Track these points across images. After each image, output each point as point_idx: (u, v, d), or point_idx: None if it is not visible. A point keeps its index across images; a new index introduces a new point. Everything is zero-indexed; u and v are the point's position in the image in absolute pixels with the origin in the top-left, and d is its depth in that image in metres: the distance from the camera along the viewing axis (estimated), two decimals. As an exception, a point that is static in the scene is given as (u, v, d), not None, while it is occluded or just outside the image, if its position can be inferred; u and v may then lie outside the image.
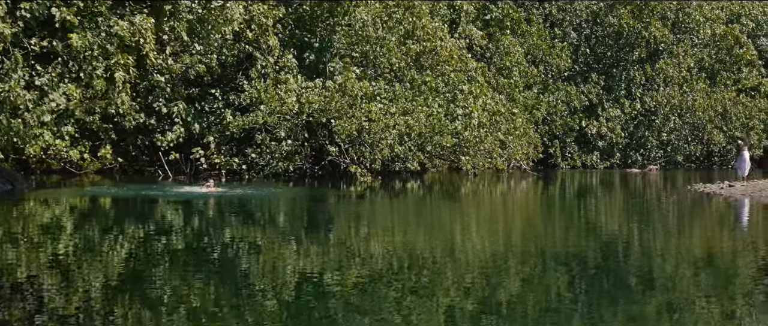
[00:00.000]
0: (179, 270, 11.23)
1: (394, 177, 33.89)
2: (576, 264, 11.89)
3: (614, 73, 53.57)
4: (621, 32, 53.23)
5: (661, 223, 18.04)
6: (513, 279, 10.65)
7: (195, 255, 12.46)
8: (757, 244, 14.04)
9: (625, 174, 45.60)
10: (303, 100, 31.07)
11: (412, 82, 34.78)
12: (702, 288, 10.21)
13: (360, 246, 13.65)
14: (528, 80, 47.09)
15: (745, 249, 13.40)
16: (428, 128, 32.67)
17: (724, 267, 11.77)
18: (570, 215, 20.64)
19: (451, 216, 20.47)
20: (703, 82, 54.93)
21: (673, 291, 10.07)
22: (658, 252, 13.28)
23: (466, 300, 9.25)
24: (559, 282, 10.52)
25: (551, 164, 50.22)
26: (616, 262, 12.42)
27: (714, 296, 9.66)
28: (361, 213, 20.17)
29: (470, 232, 16.44)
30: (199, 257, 12.34)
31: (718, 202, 22.63)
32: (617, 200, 25.54)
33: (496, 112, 37.10)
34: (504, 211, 22.49)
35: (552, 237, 15.38)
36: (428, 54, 36.69)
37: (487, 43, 45.80)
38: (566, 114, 50.82)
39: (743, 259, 12.35)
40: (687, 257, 12.75)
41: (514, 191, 30.96)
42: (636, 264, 12.03)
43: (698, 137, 55.17)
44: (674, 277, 10.96)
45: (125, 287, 9.87)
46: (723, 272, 11.35)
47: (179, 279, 10.54)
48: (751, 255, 12.69)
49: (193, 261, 11.91)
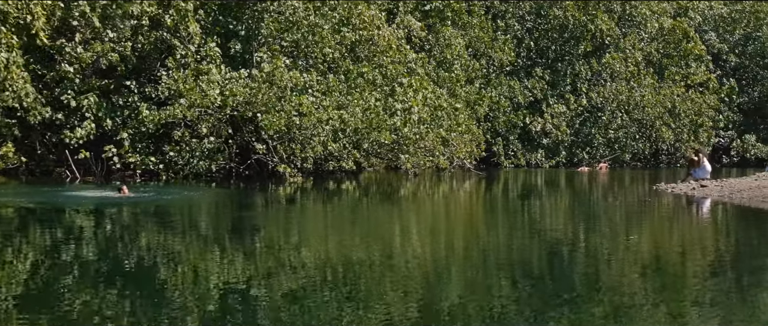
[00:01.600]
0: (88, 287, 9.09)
1: (327, 178, 31.84)
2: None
3: (559, 68, 52.23)
4: (566, 25, 51.93)
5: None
6: (455, 287, 9.95)
7: (104, 275, 10.30)
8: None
9: (573, 173, 44.11)
10: (227, 92, 28.78)
11: (347, 73, 32.68)
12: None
13: (289, 255, 12.38)
14: (469, 74, 45.38)
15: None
16: (365, 123, 30.61)
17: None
18: (537, 228, 18.73)
19: (389, 220, 18.60)
20: (651, 77, 53.98)
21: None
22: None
23: (404, 308, 8.71)
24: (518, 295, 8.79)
25: (494, 163, 48.65)
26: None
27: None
28: (291, 219, 18.16)
29: (410, 238, 14.90)
30: (108, 277, 10.18)
31: (711, 209, 20.25)
32: (588, 206, 22.99)
33: (438, 107, 35.27)
34: (447, 215, 20.63)
35: (501, 250, 13.47)
36: (365, 44, 34.66)
37: (427, 35, 44.01)
38: (509, 110, 49.34)
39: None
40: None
41: (458, 192, 29.14)
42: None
43: (646, 134, 54.10)
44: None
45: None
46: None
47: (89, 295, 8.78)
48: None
49: (102, 281, 9.76)
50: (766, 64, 62.14)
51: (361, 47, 34.83)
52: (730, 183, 24.16)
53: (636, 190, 28.50)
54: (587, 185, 32.90)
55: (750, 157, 58.10)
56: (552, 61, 53.02)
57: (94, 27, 29.21)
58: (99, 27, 29.19)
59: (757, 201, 19.86)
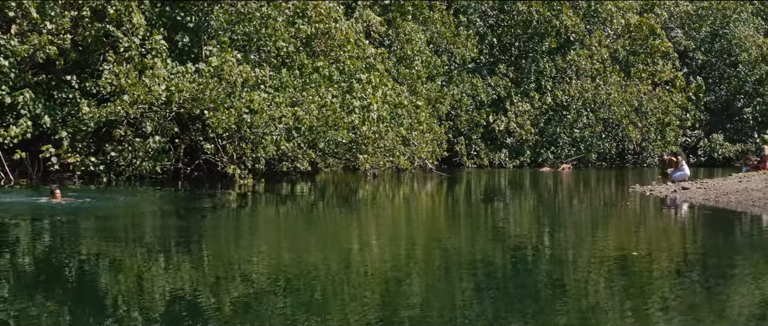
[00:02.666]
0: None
1: (281, 179, 30.45)
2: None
3: (523, 65, 51.26)
4: (530, 21, 51.01)
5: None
6: (414, 296, 9.49)
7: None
8: None
9: (537, 174, 43.04)
10: (173, 87, 27.25)
11: (302, 68, 31.25)
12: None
13: (239, 264, 11.61)
14: (431, 71, 44.20)
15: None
16: (321, 121, 29.20)
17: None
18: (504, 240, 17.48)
19: (345, 226, 17.34)
20: (617, 75, 53.09)
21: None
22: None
23: (360, 318, 8.34)
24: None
25: (456, 163, 47.54)
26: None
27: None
28: (237, 226, 16.78)
29: (367, 245, 13.91)
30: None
31: (700, 215, 18.59)
32: (562, 213, 20.56)
33: (398, 105, 33.98)
34: (407, 220, 19.39)
35: (462, 258, 12.24)
36: (321, 37, 33.27)
37: (387, 30, 42.73)
38: (472, 108, 48.27)
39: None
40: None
41: (419, 195, 27.91)
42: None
43: (612, 134, 53.26)
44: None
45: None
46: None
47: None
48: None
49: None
50: (733, 61, 61.62)
51: (317, 41, 33.45)
52: (713, 186, 23.00)
53: (610, 193, 27.27)
54: (555, 187, 31.74)
55: (718, 156, 57.48)
56: (516, 57, 52.09)
57: (31, 18, 27.57)
58: (36, 18, 27.55)
59: (746, 205, 18.72)
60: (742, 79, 61.24)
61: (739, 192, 20.59)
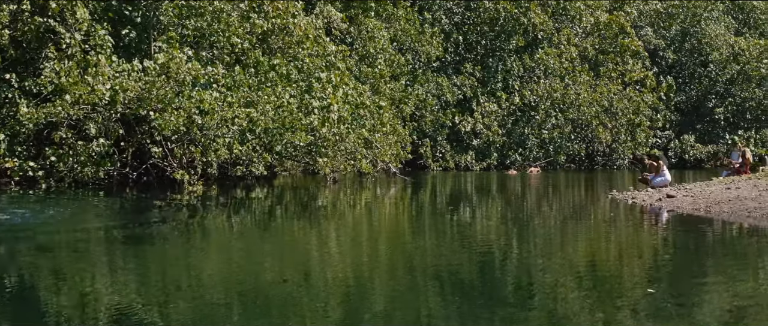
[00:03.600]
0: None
1: (235, 185, 28.95)
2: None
3: (490, 64, 50.11)
4: (497, 18, 49.95)
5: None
6: (374, 313, 8.94)
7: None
8: None
9: (504, 177, 41.80)
10: (117, 87, 25.63)
11: (257, 66, 29.73)
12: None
13: (188, 279, 10.92)
14: (394, 70, 42.92)
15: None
16: (277, 123, 27.70)
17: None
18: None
19: (303, 237, 15.95)
20: (587, 74, 52.07)
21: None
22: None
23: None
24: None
25: (421, 165, 46.24)
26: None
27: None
28: (186, 237, 15.30)
29: (327, 259, 12.88)
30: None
31: (695, 230, 16.41)
32: (535, 225, 18.43)
33: (360, 105, 32.57)
34: (368, 230, 18.00)
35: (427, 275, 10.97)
36: (278, 33, 31.79)
37: (349, 27, 41.38)
38: (437, 109, 47.02)
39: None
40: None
41: (382, 201, 26.55)
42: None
43: (581, 135, 52.23)
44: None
45: None
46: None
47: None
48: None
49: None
50: (703, 60, 60.93)
51: (274, 38, 31.97)
52: (700, 193, 21.70)
53: (586, 201, 25.74)
54: (524, 194, 30.43)
55: (689, 157, 56.66)
56: (482, 56, 50.96)
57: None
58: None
59: (741, 216, 17.44)
60: (713, 79, 60.61)
61: (731, 201, 19.29)
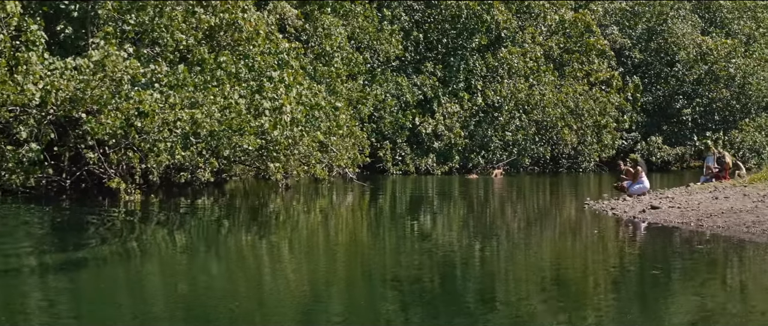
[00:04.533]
0: None
1: (180, 193, 27.12)
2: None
3: (451, 63, 48.54)
4: (459, 15, 48.37)
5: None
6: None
7: None
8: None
9: (465, 182, 40.20)
10: (49, 86, 23.65)
11: (203, 64, 27.82)
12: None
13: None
14: (352, 69, 41.17)
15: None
16: (224, 125, 25.84)
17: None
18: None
19: (252, 252, 14.37)
20: (552, 74, 50.71)
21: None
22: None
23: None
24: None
25: (380, 169, 44.56)
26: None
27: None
28: (115, 261, 13.62)
29: (278, 280, 12.13)
30: None
31: (692, 248, 14.84)
32: (503, 248, 16.11)
33: (315, 106, 30.76)
34: (324, 243, 16.36)
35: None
36: (227, 29, 29.92)
37: (304, 23, 39.63)
38: (397, 110, 45.34)
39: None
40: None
41: (338, 210, 24.92)
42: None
43: (546, 137, 50.85)
44: None
45: None
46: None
47: None
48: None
49: None
50: (670, 60, 59.89)
51: (222, 34, 30.11)
52: (685, 203, 20.16)
53: (559, 211, 23.98)
54: (487, 202, 28.81)
55: (656, 160, 55.50)
56: (443, 55, 49.39)
57: None
58: None
59: (738, 231, 15.91)
60: (680, 79, 59.62)
61: (724, 213, 17.74)
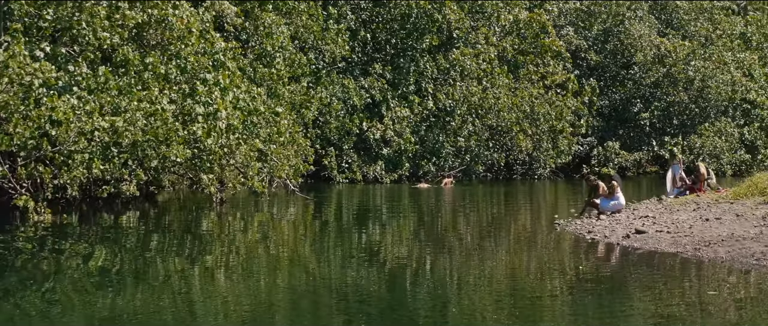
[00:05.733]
0: None
1: (103, 208, 24.78)
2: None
3: (401, 64, 46.52)
4: (409, 14, 46.37)
5: None
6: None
7: None
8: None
9: (414, 192, 38.08)
10: (-52, 91, 21.15)
11: (127, 65, 25.39)
12: None
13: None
14: (295, 70, 38.93)
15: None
16: (149, 134, 23.46)
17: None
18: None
19: (179, 285, 12.26)
20: (506, 76, 48.91)
21: None
22: None
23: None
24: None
25: (325, 177, 42.38)
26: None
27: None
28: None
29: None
30: None
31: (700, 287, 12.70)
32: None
33: (254, 112, 28.45)
34: (258, 271, 14.24)
35: None
36: (156, 27, 27.52)
37: (243, 22, 37.34)
38: (343, 114, 43.20)
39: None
40: None
41: (274, 229, 22.74)
42: None
43: (500, 142, 49.03)
44: None
45: None
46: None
47: None
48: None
49: None
50: (626, 62, 58.45)
51: (151, 32, 27.71)
52: (673, 225, 18.12)
53: (525, 233, 21.31)
54: (442, 218, 26.66)
55: (613, 166, 53.97)
56: (393, 56, 47.41)
57: None
58: None
59: (746, 263, 13.89)
60: (638, 82, 58.22)
61: (724, 240, 15.70)
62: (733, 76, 58.59)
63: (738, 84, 59.20)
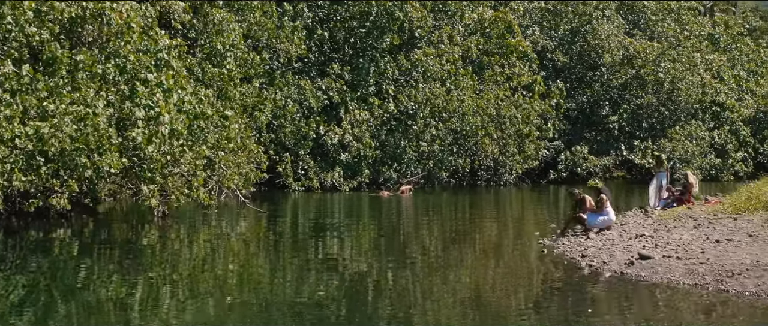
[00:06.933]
0: None
1: (37, 222, 22.53)
2: None
3: (360, 65, 44.45)
4: (368, 12, 44.29)
5: None
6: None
7: None
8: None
9: (375, 199, 35.98)
10: None
11: (55, 63, 23.03)
12: None
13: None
14: (247, 71, 36.82)
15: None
16: (79, 142, 21.17)
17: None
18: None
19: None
20: (471, 78, 46.99)
21: None
22: None
23: None
24: None
25: (280, 185, 40.18)
26: None
27: None
28: None
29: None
30: None
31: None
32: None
33: (201, 115, 26.21)
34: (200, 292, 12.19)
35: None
36: (92, 22, 25.24)
37: (192, 18, 35.16)
38: (299, 117, 41.04)
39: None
40: None
41: (227, 243, 20.61)
42: None
43: (464, 147, 47.09)
44: None
45: None
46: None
47: None
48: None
49: None
50: (594, 63, 56.78)
51: (87, 28, 25.43)
52: (682, 247, 16.03)
53: (505, 253, 18.60)
54: (401, 233, 24.47)
55: (581, 171, 52.24)
56: (351, 56, 45.32)
57: None
58: None
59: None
60: (605, 84, 56.55)
61: (749, 270, 13.60)
62: (702, 77, 57.27)
63: (708, 86, 57.89)
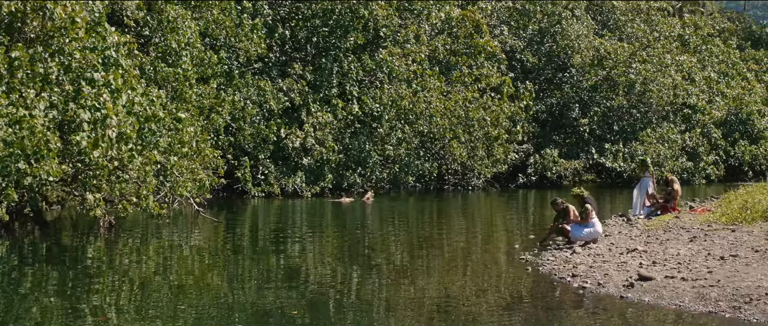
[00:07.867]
0: None
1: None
2: None
3: (323, 65, 43.05)
4: (331, 10, 42.92)
5: None
6: None
7: None
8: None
9: (335, 208, 34.41)
10: None
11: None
12: None
13: None
14: (204, 70, 35.25)
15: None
16: (13, 147, 19.50)
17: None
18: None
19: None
20: (438, 79, 45.68)
21: None
22: None
23: None
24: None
25: (239, 191, 38.62)
26: None
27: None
28: None
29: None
30: None
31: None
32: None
33: (152, 118, 24.57)
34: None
35: None
36: (33, 17, 23.57)
37: (145, 15, 33.60)
38: (258, 119, 39.52)
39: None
40: None
41: (179, 258, 19.06)
42: None
43: (431, 150, 45.77)
44: None
45: None
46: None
47: None
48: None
49: None
50: (563, 64, 55.72)
51: (28, 24, 23.73)
52: (685, 266, 14.41)
53: (482, 270, 16.49)
54: (363, 249, 22.85)
55: (551, 175, 51.13)
56: (314, 56, 44.05)
57: None
58: None
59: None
60: (575, 85, 55.50)
61: (766, 293, 12.22)
62: (674, 79, 56.49)
63: (680, 87, 57.13)
